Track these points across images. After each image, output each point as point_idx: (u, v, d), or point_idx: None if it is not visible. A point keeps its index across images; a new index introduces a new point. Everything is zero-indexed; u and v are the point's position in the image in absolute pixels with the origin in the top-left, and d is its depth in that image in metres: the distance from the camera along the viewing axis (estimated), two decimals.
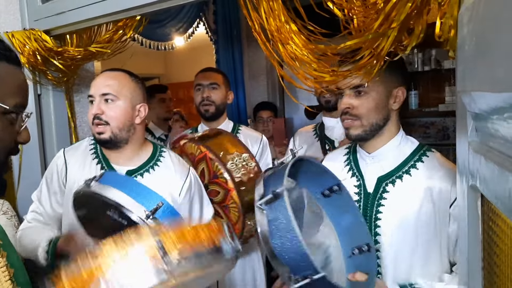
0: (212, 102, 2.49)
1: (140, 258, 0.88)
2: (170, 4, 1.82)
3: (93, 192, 1.33)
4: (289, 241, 1.12)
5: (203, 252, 0.94)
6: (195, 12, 4.74)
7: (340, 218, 1.44)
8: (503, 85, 0.55)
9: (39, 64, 2.31)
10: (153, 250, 0.88)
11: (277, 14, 1.45)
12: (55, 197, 1.82)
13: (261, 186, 1.24)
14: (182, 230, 0.95)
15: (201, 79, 2.55)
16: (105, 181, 1.37)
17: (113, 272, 0.86)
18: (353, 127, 1.51)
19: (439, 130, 4.54)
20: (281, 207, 1.15)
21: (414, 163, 1.51)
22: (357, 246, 1.37)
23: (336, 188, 1.44)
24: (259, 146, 2.53)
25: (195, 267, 0.91)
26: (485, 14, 0.65)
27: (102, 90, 1.71)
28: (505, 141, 0.62)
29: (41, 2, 2.38)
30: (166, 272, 0.87)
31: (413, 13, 1.14)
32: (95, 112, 1.70)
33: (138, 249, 0.89)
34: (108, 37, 2.38)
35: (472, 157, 0.80)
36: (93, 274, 0.86)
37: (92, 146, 1.85)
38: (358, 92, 1.48)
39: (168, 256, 0.88)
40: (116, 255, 0.88)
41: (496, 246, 0.74)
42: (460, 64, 0.87)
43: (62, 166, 1.81)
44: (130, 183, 1.45)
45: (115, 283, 0.85)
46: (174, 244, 0.91)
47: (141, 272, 0.87)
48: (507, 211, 0.59)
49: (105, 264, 0.87)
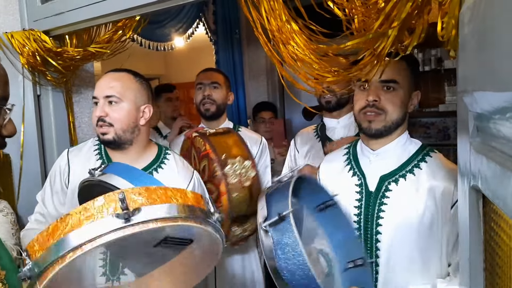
0: (213, 101, 2.49)
1: (100, 210, 0.92)
2: (170, 5, 1.82)
3: (98, 180, 1.33)
4: (295, 263, 1.12)
5: (168, 205, 0.96)
6: (194, 12, 4.74)
7: (335, 233, 1.45)
8: (505, 85, 0.54)
9: (39, 64, 2.31)
10: (114, 201, 0.92)
11: (278, 14, 1.44)
12: (57, 197, 1.81)
13: (264, 206, 1.24)
14: (148, 187, 0.98)
15: (203, 78, 2.55)
16: (109, 170, 1.37)
17: (74, 223, 0.90)
18: (376, 121, 1.50)
19: (440, 130, 4.53)
20: (287, 230, 1.15)
21: (418, 163, 1.51)
22: (352, 260, 1.37)
23: (330, 203, 1.45)
24: (259, 147, 2.52)
25: (157, 217, 0.93)
26: (487, 13, 0.65)
27: (106, 92, 1.70)
28: (507, 141, 0.62)
29: (41, 2, 2.37)
30: (123, 218, 0.90)
31: (414, 13, 1.14)
32: (99, 115, 1.69)
33: (100, 202, 0.93)
34: (107, 37, 2.38)
35: (474, 157, 0.79)
36: (57, 227, 0.90)
37: (97, 147, 1.85)
38: (388, 87, 1.48)
39: (126, 205, 0.91)
40: (80, 211, 0.92)
41: (498, 247, 0.73)
42: (461, 63, 0.87)
43: (64, 167, 1.81)
44: (133, 172, 1.45)
45: (76, 233, 0.89)
46: (137, 196, 0.94)
47: (101, 221, 0.90)
48: (509, 212, 0.59)
49: (68, 218, 0.91)
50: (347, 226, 1.46)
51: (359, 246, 1.43)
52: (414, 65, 1.58)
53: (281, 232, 1.16)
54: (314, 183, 1.49)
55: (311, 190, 1.45)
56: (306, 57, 1.43)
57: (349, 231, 1.45)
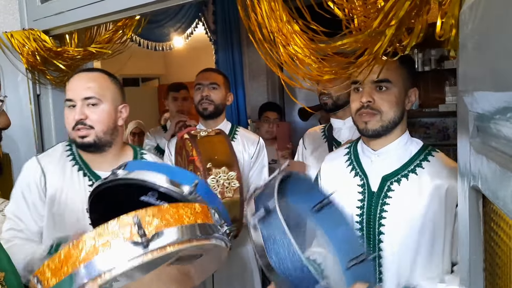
0: (211, 102, 2.49)
1: (116, 235, 0.90)
2: (169, 4, 1.82)
3: (127, 178, 1.27)
4: (286, 255, 1.10)
5: (181, 227, 0.95)
6: (193, 12, 4.74)
7: (334, 232, 1.44)
8: (505, 85, 0.54)
9: (38, 64, 2.31)
10: (129, 226, 0.90)
11: (279, 15, 1.44)
12: (35, 210, 1.67)
13: (252, 205, 1.23)
14: (160, 208, 0.97)
15: (202, 79, 2.55)
16: (132, 168, 1.33)
17: (89, 251, 0.89)
18: (372, 121, 1.50)
19: (440, 131, 4.53)
20: (275, 221, 1.13)
21: (420, 162, 1.51)
22: (353, 257, 1.37)
23: (326, 202, 1.45)
24: (256, 148, 2.53)
25: (173, 241, 0.92)
26: (487, 12, 0.65)
27: (84, 94, 1.63)
28: (508, 141, 0.62)
29: (40, 2, 2.37)
30: (142, 245, 0.89)
31: (412, 12, 1.14)
32: (78, 118, 1.62)
33: (114, 227, 0.91)
34: (107, 37, 2.38)
35: (474, 157, 0.79)
36: (70, 254, 0.88)
37: (69, 152, 1.75)
38: (381, 87, 1.48)
39: (143, 231, 0.89)
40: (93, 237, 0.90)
41: (497, 247, 0.73)
42: (461, 63, 0.87)
43: (40, 175, 1.68)
44: (160, 166, 1.43)
45: (93, 262, 0.87)
46: (150, 220, 0.93)
47: (118, 248, 0.89)
48: (509, 212, 0.58)
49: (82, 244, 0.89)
50: (345, 223, 1.45)
51: (359, 243, 1.43)
52: (408, 62, 1.57)
53: (270, 225, 1.15)
54: (305, 180, 1.47)
55: (302, 190, 1.44)
56: (307, 57, 1.43)
57: (348, 228, 1.44)
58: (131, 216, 0.92)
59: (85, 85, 1.66)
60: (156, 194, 1.27)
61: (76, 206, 1.66)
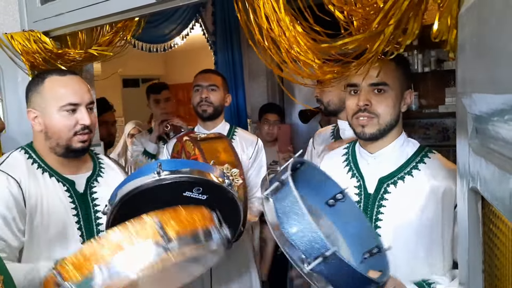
0: (210, 103, 2.49)
1: (142, 237, 0.96)
2: (169, 6, 1.82)
3: (179, 176, 1.37)
4: (298, 223, 1.12)
5: (198, 232, 1.03)
6: (190, 13, 4.73)
7: (347, 226, 1.43)
8: (504, 87, 0.54)
9: (40, 65, 2.30)
10: (154, 229, 0.96)
11: (282, 17, 1.44)
12: (15, 224, 1.53)
13: (267, 183, 1.24)
14: (177, 212, 1.04)
15: (200, 80, 2.55)
16: (171, 167, 1.40)
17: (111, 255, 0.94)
18: (369, 125, 1.49)
19: (439, 131, 4.54)
20: (288, 191, 1.15)
21: (416, 164, 1.51)
22: (367, 251, 1.36)
23: (340, 196, 1.44)
24: (254, 149, 2.54)
25: (191, 245, 0.99)
26: (486, 15, 0.65)
27: (89, 98, 1.65)
28: (506, 143, 0.62)
29: (40, 3, 2.37)
30: (166, 249, 0.95)
31: (410, 12, 1.14)
32: (89, 123, 1.62)
33: (140, 230, 0.97)
34: (108, 38, 2.38)
35: (473, 159, 0.79)
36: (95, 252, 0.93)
37: (31, 160, 1.65)
38: (378, 89, 1.48)
39: (167, 235, 0.96)
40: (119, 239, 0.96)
41: (496, 249, 0.73)
42: (460, 65, 0.87)
43: (16, 187, 1.54)
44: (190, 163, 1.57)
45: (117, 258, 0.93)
46: (171, 225, 0.99)
47: (143, 250, 0.94)
48: (507, 213, 0.59)
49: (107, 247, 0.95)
50: (358, 217, 1.44)
51: (373, 235, 1.42)
52: (404, 63, 1.56)
53: (282, 197, 1.16)
54: (319, 171, 1.45)
55: (316, 182, 1.43)
56: (309, 60, 1.43)
57: (361, 221, 1.44)
58: (151, 217, 0.99)
59: (84, 87, 1.65)
60: (201, 190, 1.38)
61: (60, 213, 1.62)
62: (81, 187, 1.71)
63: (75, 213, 1.65)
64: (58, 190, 1.65)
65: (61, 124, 1.60)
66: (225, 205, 1.46)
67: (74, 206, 1.66)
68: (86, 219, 1.67)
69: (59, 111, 1.59)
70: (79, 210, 1.66)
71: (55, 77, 1.64)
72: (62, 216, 1.62)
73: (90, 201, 1.70)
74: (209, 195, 1.41)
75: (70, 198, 1.66)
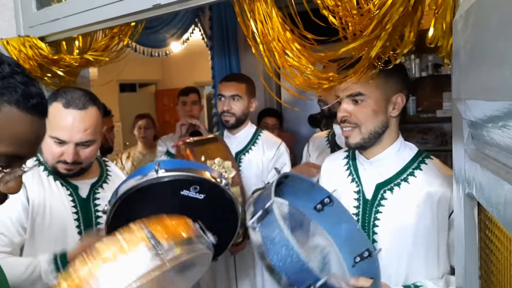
0: (232, 114, 2.51)
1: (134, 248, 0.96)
2: (165, 11, 1.82)
3: (176, 175, 1.41)
4: (285, 253, 1.12)
5: (185, 240, 1.05)
6: (190, 18, 4.74)
7: (337, 230, 1.44)
8: (497, 94, 0.54)
9: (36, 70, 2.30)
10: (145, 240, 0.98)
11: (274, 22, 1.45)
12: (19, 221, 1.59)
13: (251, 207, 1.25)
14: (164, 222, 1.06)
15: (223, 90, 2.54)
16: (169, 166, 1.44)
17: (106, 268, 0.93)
18: (351, 136, 1.51)
19: (437, 136, 4.54)
20: (273, 221, 1.16)
21: (413, 171, 1.50)
22: (358, 254, 1.36)
23: (327, 200, 1.45)
24: (276, 151, 2.53)
25: (183, 252, 1.01)
26: (479, 22, 0.65)
27: (81, 138, 1.60)
28: (501, 149, 0.62)
29: (36, 8, 2.37)
30: (160, 257, 0.96)
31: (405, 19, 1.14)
32: (72, 160, 1.60)
33: (132, 241, 0.98)
34: (104, 43, 2.37)
35: (468, 164, 0.79)
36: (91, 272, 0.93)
37: (38, 163, 1.71)
38: (355, 100, 1.48)
39: (160, 244, 0.97)
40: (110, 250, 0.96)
41: (492, 255, 0.73)
42: (455, 71, 0.87)
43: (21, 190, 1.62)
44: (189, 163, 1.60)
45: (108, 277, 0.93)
46: (161, 234, 1.01)
47: (136, 261, 0.95)
48: (502, 220, 0.58)
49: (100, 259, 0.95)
50: (347, 220, 1.45)
51: (363, 238, 1.42)
52: (387, 70, 1.48)
53: (268, 225, 1.17)
54: (304, 180, 1.47)
55: (302, 190, 1.45)
56: (303, 66, 1.43)
57: (350, 224, 1.44)
58: (141, 227, 1.00)
59: (81, 127, 1.60)
60: (198, 188, 1.42)
61: (62, 216, 1.67)
62: (85, 192, 1.75)
63: (76, 217, 1.70)
64: (62, 194, 1.70)
65: (48, 150, 1.63)
66: (222, 205, 1.50)
67: (76, 211, 1.70)
68: (86, 224, 1.72)
69: (49, 137, 1.60)
70: (80, 214, 1.71)
71: (59, 105, 1.59)
72: (64, 219, 1.67)
73: (92, 206, 1.75)
74: (206, 194, 1.44)
75: (72, 203, 1.71)
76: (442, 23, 0.99)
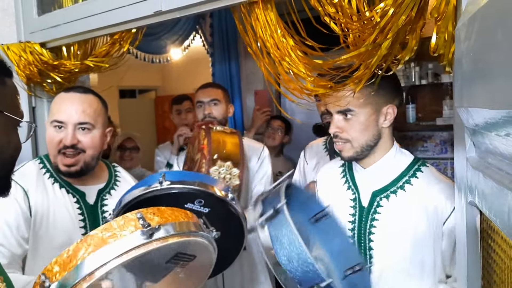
0: (214, 118, 2.51)
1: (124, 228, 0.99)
2: (166, 18, 1.82)
3: (181, 187, 1.39)
4: (293, 253, 1.14)
5: (177, 223, 1.06)
6: (191, 25, 4.76)
7: (331, 244, 1.45)
8: (500, 102, 0.54)
9: (35, 76, 2.30)
10: (134, 220, 1.01)
11: (274, 29, 1.45)
12: (19, 232, 1.55)
13: (259, 206, 1.26)
14: (160, 209, 1.08)
15: (202, 96, 2.57)
16: (175, 178, 1.43)
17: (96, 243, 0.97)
18: (344, 150, 1.53)
19: (437, 144, 4.53)
20: (283, 221, 1.18)
21: (409, 179, 1.50)
22: (349, 268, 1.37)
23: (323, 214, 1.45)
24: (259, 156, 2.53)
25: (173, 233, 1.02)
26: (482, 30, 0.65)
27: (79, 118, 1.59)
28: (504, 158, 0.61)
29: (37, 14, 2.37)
30: (147, 235, 0.98)
31: (407, 27, 1.14)
32: (71, 143, 1.57)
33: (120, 222, 1.01)
34: (104, 49, 2.37)
35: (471, 173, 0.79)
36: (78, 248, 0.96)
37: (45, 170, 1.69)
38: (346, 115, 1.49)
39: (148, 223, 0.99)
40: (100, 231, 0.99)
41: (495, 265, 0.73)
42: (457, 79, 0.87)
43: (22, 196, 1.58)
44: (194, 175, 1.57)
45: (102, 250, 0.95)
46: (153, 216, 1.04)
47: (123, 239, 0.97)
48: (505, 229, 0.58)
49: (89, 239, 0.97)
50: (341, 234, 1.46)
51: (355, 252, 1.43)
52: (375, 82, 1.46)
53: (278, 225, 1.19)
54: (303, 192, 1.50)
55: (300, 201, 1.46)
56: (302, 72, 1.43)
57: (344, 238, 1.46)
58: (135, 213, 1.02)
59: (79, 108, 1.61)
60: (202, 202, 1.41)
61: (66, 225, 1.63)
62: (92, 199, 1.72)
63: (82, 225, 1.66)
64: (67, 202, 1.66)
65: (49, 139, 1.62)
66: (228, 220, 1.47)
67: (83, 218, 1.67)
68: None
69: (50, 125, 1.62)
70: (87, 222, 1.67)
71: (62, 93, 1.66)
72: (68, 228, 1.63)
73: (100, 213, 1.71)
74: (211, 209, 1.42)
75: (79, 210, 1.67)
76: (444, 32, 0.99)
